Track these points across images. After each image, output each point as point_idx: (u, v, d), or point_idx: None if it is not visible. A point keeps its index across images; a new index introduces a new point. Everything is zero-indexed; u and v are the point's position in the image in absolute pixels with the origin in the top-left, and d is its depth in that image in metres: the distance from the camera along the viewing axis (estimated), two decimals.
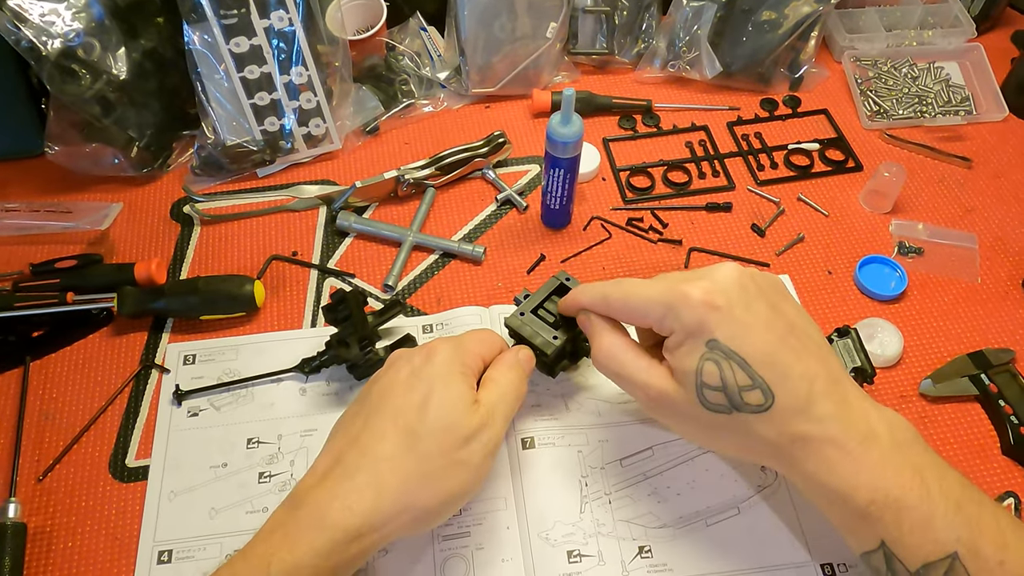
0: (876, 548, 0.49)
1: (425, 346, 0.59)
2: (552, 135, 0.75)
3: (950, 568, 0.47)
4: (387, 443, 0.52)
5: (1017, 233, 0.87)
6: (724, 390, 0.50)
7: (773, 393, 0.50)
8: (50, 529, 0.65)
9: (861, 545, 0.51)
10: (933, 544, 0.47)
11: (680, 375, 0.53)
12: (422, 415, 0.53)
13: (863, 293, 0.81)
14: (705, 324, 0.51)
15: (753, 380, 0.50)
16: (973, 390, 0.73)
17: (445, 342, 0.59)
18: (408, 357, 0.58)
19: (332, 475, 0.52)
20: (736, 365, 0.50)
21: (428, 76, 1.00)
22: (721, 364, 0.50)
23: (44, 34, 0.77)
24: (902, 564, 0.48)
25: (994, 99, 1.00)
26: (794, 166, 0.93)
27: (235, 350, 0.76)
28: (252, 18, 0.83)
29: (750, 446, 0.53)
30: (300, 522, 0.50)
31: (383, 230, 0.85)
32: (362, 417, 0.55)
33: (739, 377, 0.50)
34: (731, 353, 0.50)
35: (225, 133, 0.88)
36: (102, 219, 0.84)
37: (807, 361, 0.51)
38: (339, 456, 0.53)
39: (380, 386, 0.57)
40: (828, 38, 1.08)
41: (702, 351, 0.51)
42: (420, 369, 0.56)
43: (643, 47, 1.03)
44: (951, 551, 0.47)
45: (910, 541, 0.48)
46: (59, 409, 0.72)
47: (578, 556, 0.61)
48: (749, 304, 0.51)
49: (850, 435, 0.49)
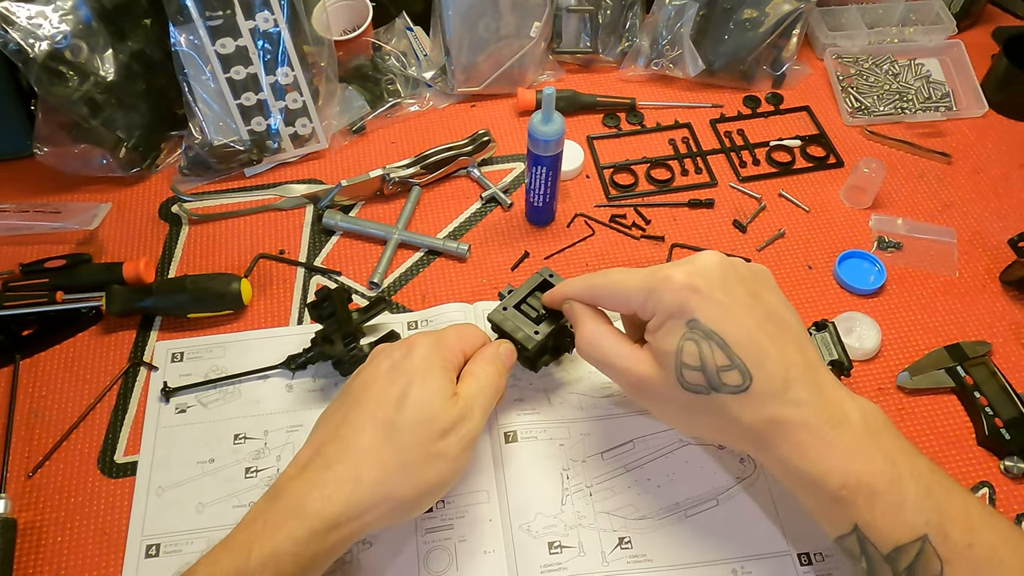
0: (849, 532, 0.50)
1: (406, 340, 0.60)
2: (533, 133, 0.76)
3: (921, 550, 0.48)
4: (366, 435, 0.54)
5: (995, 227, 0.88)
6: (703, 370, 0.51)
7: (751, 374, 0.51)
8: (40, 524, 0.66)
9: (835, 529, 0.52)
10: (904, 527, 0.48)
11: (660, 356, 0.54)
12: (401, 407, 0.54)
13: (842, 287, 0.82)
14: (686, 305, 0.52)
15: (731, 361, 0.51)
16: (950, 382, 0.74)
17: (425, 336, 0.60)
18: (389, 352, 0.59)
19: (312, 466, 0.53)
20: (715, 345, 0.51)
21: (414, 76, 1.01)
22: (700, 344, 0.51)
23: (31, 37, 0.78)
24: (875, 547, 0.49)
25: (974, 95, 1.01)
26: (776, 162, 0.94)
27: (222, 347, 0.77)
28: (237, 19, 0.84)
29: (727, 429, 0.54)
30: (280, 511, 0.51)
31: (369, 228, 0.86)
32: (343, 410, 0.56)
33: (718, 357, 0.51)
34: (711, 333, 0.51)
35: (212, 133, 0.89)
36: (91, 219, 0.85)
37: (785, 347, 0.52)
38: (319, 448, 0.54)
39: (361, 380, 0.58)
40: (810, 35, 1.09)
41: (682, 331, 0.52)
42: (400, 363, 0.57)
43: (627, 46, 1.04)
44: (921, 534, 0.48)
45: (882, 524, 0.49)
46: (48, 406, 0.73)
47: (559, 547, 0.63)
48: (729, 288, 0.53)
49: (823, 420, 0.50)
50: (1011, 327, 0.79)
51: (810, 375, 0.52)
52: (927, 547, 0.48)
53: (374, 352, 0.61)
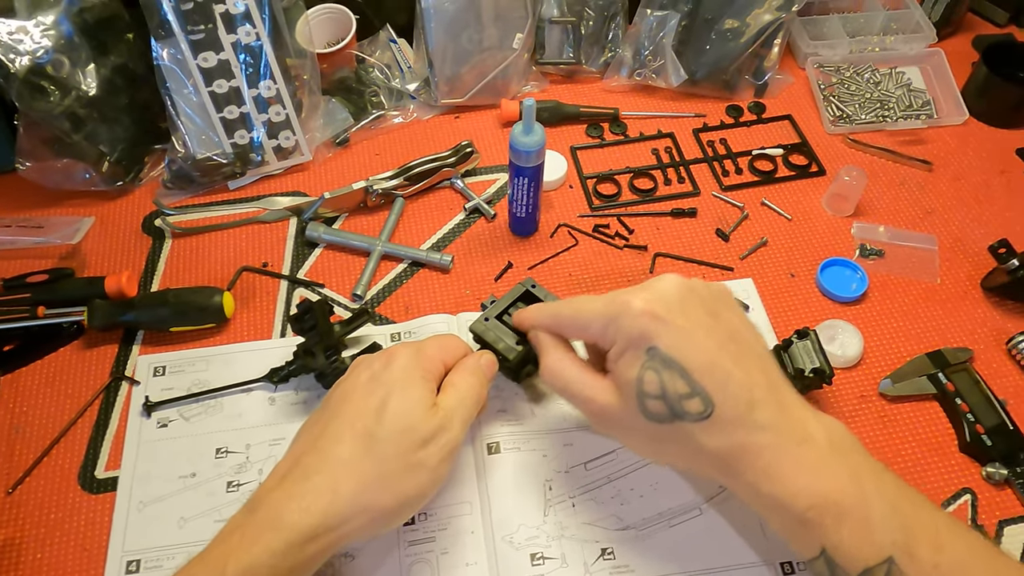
0: (817, 555, 0.50)
1: (386, 351, 0.60)
2: (515, 144, 0.76)
3: (888, 573, 0.48)
4: (344, 446, 0.53)
5: (976, 234, 0.89)
6: (664, 399, 0.51)
7: (713, 402, 0.50)
8: (19, 541, 0.66)
9: (803, 552, 0.52)
10: (871, 547, 0.48)
11: (622, 385, 0.53)
12: (380, 418, 0.54)
13: (824, 295, 0.83)
14: (645, 332, 0.52)
15: (692, 388, 0.50)
16: (931, 389, 0.75)
17: (405, 347, 0.60)
18: (368, 363, 0.59)
19: (290, 477, 0.53)
20: (676, 373, 0.51)
21: (398, 87, 1.01)
22: (661, 372, 0.51)
23: (12, 52, 0.78)
24: (843, 570, 0.49)
25: (955, 103, 1.01)
26: (758, 171, 0.95)
27: (205, 361, 0.77)
28: (219, 33, 0.84)
29: (694, 457, 0.53)
30: (257, 523, 0.50)
31: (352, 240, 0.86)
32: (322, 422, 0.56)
33: (679, 385, 0.51)
34: (670, 361, 0.51)
35: (195, 147, 0.89)
36: (73, 233, 0.85)
37: (747, 367, 0.52)
38: (298, 459, 0.54)
39: (340, 391, 0.58)
40: (792, 45, 1.10)
41: (642, 360, 0.52)
42: (379, 374, 0.57)
43: (610, 56, 1.05)
44: (887, 556, 0.48)
45: (849, 545, 0.48)
46: (29, 422, 0.73)
47: (541, 559, 0.62)
48: (688, 312, 0.52)
49: (788, 439, 0.50)
50: (992, 333, 0.79)
51: (773, 395, 0.52)
52: (894, 569, 0.48)
53: (354, 364, 0.61)
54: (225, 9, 0.83)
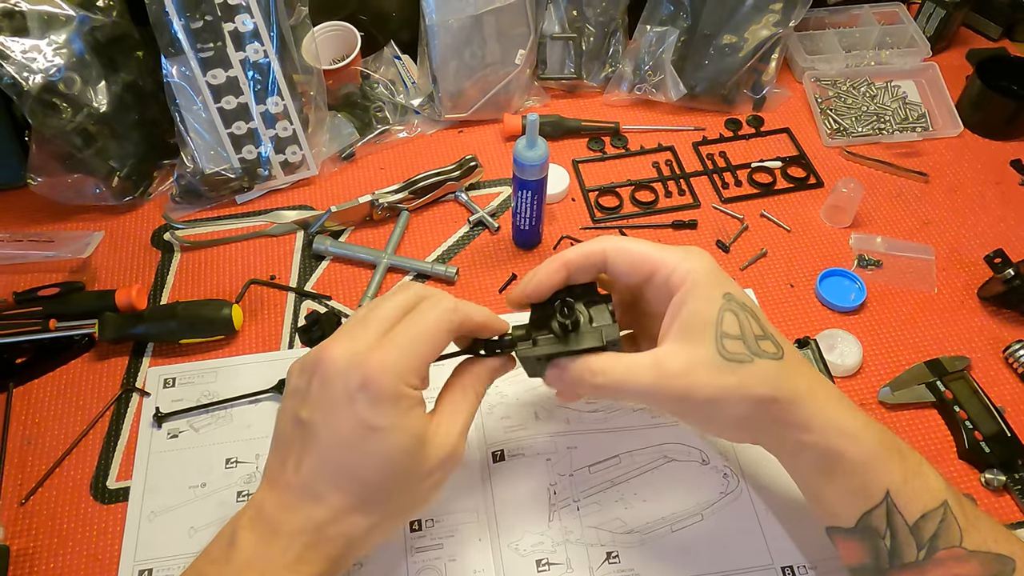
0: (880, 502, 0.50)
1: (356, 373, 0.47)
2: (518, 159, 0.78)
3: (944, 517, 0.49)
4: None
5: (972, 244, 0.90)
6: (743, 339, 0.51)
7: (782, 346, 0.52)
8: (32, 551, 0.66)
9: (863, 502, 0.50)
10: (927, 492, 0.49)
11: (693, 329, 0.51)
12: (366, 464, 0.48)
13: (824, 305, 0.84)
14: (719, 279, 0.52)
15: (765, 331, 0.52)
16: (930, 397, 0.76)
17: (381, 375, 0.47)
18: (349, 400, 0.48)
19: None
20: (750, 316, 0.52)
21: (402, 103, 1.03)
22: (739, 314, 0.51)
23: (25, 70, 0.80)
24: (902, 516, 0.49)
25: (949, 116, 1.03)
26: (757, 184, 0.96)
27: (214, 372, 0.78)
28: (228, 51, 0.86)
29: (762, 408, 0.51)
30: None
31: (358, 253, 0.87)
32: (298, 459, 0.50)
33: (755, 327, 0.51)
34: (744, 306, 0.52)
35: (204, 162, 0.91)
36: (84, 247, 0.86)
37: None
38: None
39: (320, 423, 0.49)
40: (789, 59, 1.11)
41: (720, 303, 0.51)
42: (365, 415, 0.47)
43: (610, 71, 1.06)
44: (943, 499, 0.49)
45: (912, 488, 0.49)
46: (41, 434, 0.74)
47: (547, 564, 0.63)
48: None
49: (839, 391, 0.53)
50: (989, 342, 0.81)
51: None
52: (949, 514, 0.48)
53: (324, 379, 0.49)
54: (234, 27, 0.85)
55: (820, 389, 0.52)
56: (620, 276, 0.55)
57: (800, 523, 0.65)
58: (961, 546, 0.49)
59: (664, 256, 0.53)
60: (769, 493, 0.67)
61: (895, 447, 0.51)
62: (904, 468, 0.50)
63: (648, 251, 0.54)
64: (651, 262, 0.53)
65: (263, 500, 0.50)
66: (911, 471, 0.50)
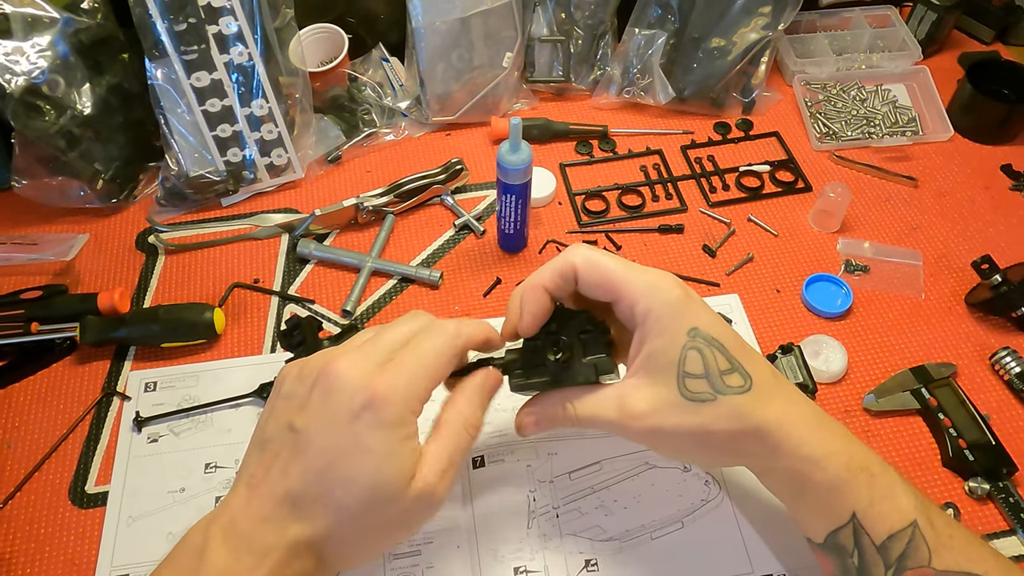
0: (846, 522, 0.50)
1: (363, 397, 0.47)
2: (502, 163, 0.77)
3: (912, 537, 0.48)
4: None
5: (960, 250, 0.89)
6: (707, 377, 0.50)
7: (750, 375, 0.51)
8: (9, 556, 0.66)
9: (830, 522, 0.51)
10: (897, 512, 0.49)
11: (661, 364, 0.51)
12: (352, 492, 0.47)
13: (810, 311, 0.84)
14: (687, 311, 0.51)
15: (732, 364, 0.51)
16: (915, 404, 0.75)
17: (384, 406, 0.47)
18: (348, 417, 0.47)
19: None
20: (717, 351, 0.51)
21: (390, 105, 1.03)
22: (703, 351, 0.51)
23: (8, 72, 0.80)
24: (868, 537, 0.50)
25: (940, 120, 1.03)
26: (745, 188, 0.96)
27: (195, 377, 0.77)
28: (212, 53, 0.86)
29: (728, 442, 0.51)
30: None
31: (343, 256, 0.87)
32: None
33: (720, 362, 0.51)
34: (711, 340, 0.51)
35: (189, 165, 0.90)
36: (68, 250, 0.86)
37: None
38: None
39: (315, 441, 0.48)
40: (779, 63, 1.11)
41: (683, 341, 0.51)
42: (360, 437, 0.47)
43: (599, 74, 1.06)
44: (912, 519, 0.49)
45: (879, 509, 0.49)
46: (21, 437, 0.74)
47: (524, 571, 0.63)
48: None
49: (813, 408, 0.53)
50: (975, 348, 0.80)
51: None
52: (917, 534, 0.48)
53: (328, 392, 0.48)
54: (218, 30, 0.85)
55: (793, 412, 0.51)
56: (588, 291, 0.55)
57: (781, 531, 0.65)
58: (930, 566, 0.49)
59: (630, 284, 0.52)
60: (750, 501, 0.67)
61: (866, 468, 0.50)
62: (871, 491, 0.50)
63: (616, 275, 0.53)
64: (616, 289, 0.53)
65: (238, 508, 0.48)
66: (879, 493, 0.50)
